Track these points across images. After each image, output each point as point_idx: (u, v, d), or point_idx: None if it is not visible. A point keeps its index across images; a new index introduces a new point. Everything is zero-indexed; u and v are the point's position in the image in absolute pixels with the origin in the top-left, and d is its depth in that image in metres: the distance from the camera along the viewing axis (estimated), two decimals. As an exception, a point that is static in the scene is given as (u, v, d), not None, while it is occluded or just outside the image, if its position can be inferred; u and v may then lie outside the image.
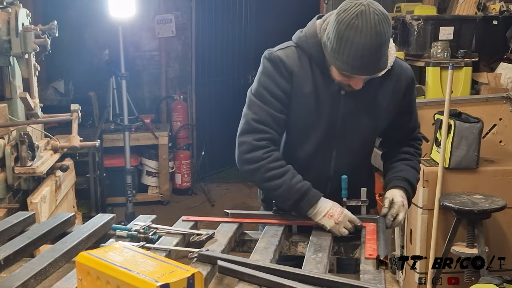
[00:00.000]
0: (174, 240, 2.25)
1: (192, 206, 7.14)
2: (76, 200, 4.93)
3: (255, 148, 2.43)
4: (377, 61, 2.24)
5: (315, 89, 2.44)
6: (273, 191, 2.43)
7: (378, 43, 2.18)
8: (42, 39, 3.75)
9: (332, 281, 1.84)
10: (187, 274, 1.54)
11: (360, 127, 2.51)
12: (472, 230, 4.07)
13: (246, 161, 2.47)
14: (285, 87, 2.44)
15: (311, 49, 2.42)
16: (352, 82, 2.34)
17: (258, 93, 2.48)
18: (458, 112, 4.46)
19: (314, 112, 2.46)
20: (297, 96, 2.45)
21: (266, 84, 2.47)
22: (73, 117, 4.14)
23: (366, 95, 2.45)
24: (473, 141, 4.29)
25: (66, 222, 2.49)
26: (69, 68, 6.98)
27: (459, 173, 4.35)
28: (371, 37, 2.15)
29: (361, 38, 2.15)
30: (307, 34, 2.46)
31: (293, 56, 2.46)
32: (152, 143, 7.11)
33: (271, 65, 2.48)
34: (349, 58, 2.20)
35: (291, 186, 2.37)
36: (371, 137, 2.65)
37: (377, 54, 2.22)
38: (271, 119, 2.44)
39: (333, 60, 2.27)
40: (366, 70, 2.26)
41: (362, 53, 2.18)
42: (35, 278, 1.88)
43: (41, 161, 3.75)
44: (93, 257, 1.66)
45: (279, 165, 2.41)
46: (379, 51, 2.22)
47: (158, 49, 7.75)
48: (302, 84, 2.44)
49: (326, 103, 2.45)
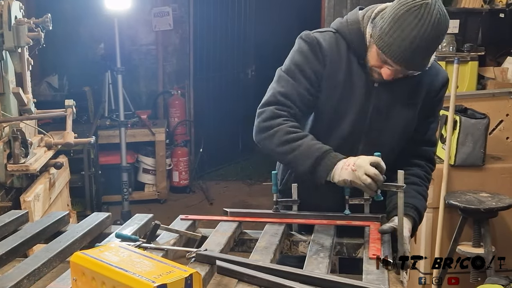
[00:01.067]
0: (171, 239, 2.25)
1: (190, 204, 7.14)
2: (71, 198, 4.93)
3: (274, 116, 2.39)
4: (422, 58, 2.22)
5: (349, 77, 2.42)
6: (290, 153, 2.34)
7: (430, 40, 2.16)
8: (36, 32, 3.75)
9: (334, 281, 1.84)
10: (184, 274, 1.54)
11: (390, 124, 2.47)
12: (478, 229, 4.07)
13: (264, 128, 2.41)
14: (317, 69, 2.42)
15: (351, 35, 2.40)
16: (384, 71, 2.31)
17: (288, 69, 2.46)
18: (464, 107, 4.46)
19: (344, 100, 2.43)
20: (329, 82, 2.42)
21: (299, 61, 2.44)
22: (67, 113, 4.13)
23: (400, 92, 2.43)
24: (479, 138, 4.29)
25: (60, 221, 2.49)
26: (63, 63, 6.97)
27: (465, 171, 4.35)
28: (427, 31, 2.13)
29: (416, 27, 2.13)
30: (348, 20, 2.44)
31: (331, 41, 2.44)
32: (148, 139, 7.11)
33: (307, 46, 2.44)
34: (396, 43, 2.18)
35: (311, 145, 2.32)
36: (399, 139, 2.53)
37: (426, 50, 2.21)
38: (298, 96, 2.41)
39: (378, 40, 2.24)
40: (407, 62, 2.22)
41: (411, 43, 2.15)
42: (28, 278, 1.88)
43: (35, 158, 3.74)
44: (88, 257, 1.66)
45: (298, 130, 2.37)
46: (429, 48, 2.21)
47: (155, 42, 7.74)
48: (336, 70, 2.41)
49: (358, 93, 2.42)
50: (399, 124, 2.48)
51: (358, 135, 2.48)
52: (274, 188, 2.48)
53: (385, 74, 2.32)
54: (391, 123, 2.47)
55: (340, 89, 2.42)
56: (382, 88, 2.42)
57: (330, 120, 2.47)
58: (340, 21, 2.48)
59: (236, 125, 8.60)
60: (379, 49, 2.25)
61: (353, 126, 2.46)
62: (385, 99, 2.44)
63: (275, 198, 2.49)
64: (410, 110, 2.47)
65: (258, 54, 9.05)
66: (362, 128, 2.47)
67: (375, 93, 2.43)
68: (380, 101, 2.44)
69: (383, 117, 2.46)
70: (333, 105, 2.44)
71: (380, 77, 2.35)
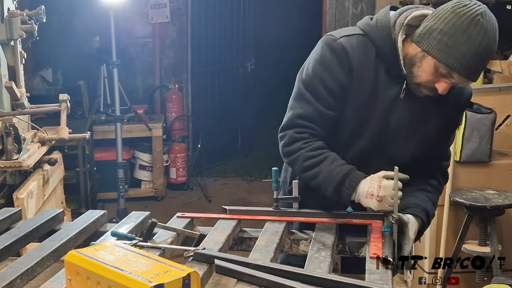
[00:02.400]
0: (168, 238, 2.25)
1: (187, 202, 7.15)
2: (65, 195, 4.93)
3: (294, 140, 2.38)
4: (482, 68, 2.22)
5: (375, 89, 2.35)
6: (312, 180, 2.36)
7: (493, 47, 2.16)
8: (29, 25, 3.74)
9: (336, 281, 1.84)
10: (182, 274, 1.54)
11: (411, 138, 2.44)
12: (485, 227, 4.07)
13: (286, 154, 2.42)
14: (343, 81, 2.33)
15: (382, 41, 2.32)
16: (441, 85, 2.24)
17: (310, 85, 2.38)
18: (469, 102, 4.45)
19: (367, 112, 2.38)
20: (354, 94, 2.35)
21: (322, 75, 2.35)
22: (61, 107, 4.13)
23: (426, 105, 2.38)
24: (486, 133, 4.29)
25: (54, 218, 2.48)
26: (58, 56, 6.95)
27: (471, 167, 4.35)
28: (491, 40, 2.13)
29: (484, 37, 2.11)
30: (379, 23, 2.34)
31: (359, 47, 2.33)
32: (145, 135, 7.11)
33: (332, 55, 2.34)
34: (466, 56, 2.13)
35: (330, 171, 2.32)
36: (419, 154, 2.49)
37: (486, 60, 2.20)
38: (319, 115, 2.36)
39: (441, 54, 2.16)
40: (473, 73, 2.19)
41: (481, 54, 2.13)
42: (22, 278, 1.88)
43: (28, 154, 3.74)
44: (83, 256, 1.66)
45: (318, 153, 2.35)
46: (489, 57, 2.20)
47: (151, 35, 7.74)
48: (363, 80, 2.34)
49: (382, 104, 2.37)
50: (420, 138, 2.45)
51: (377, 148, 2.44)
52: (274, 185, 2.47)
53: (441, 88, 2.24)
54: (412, 137, 2.44)
55: (364, 102, 2.36)
56: (407, 101, 2.36)
57: (350, 132, 2.43)
58: (368, 22, 2.38)
59: (235, 120, 8.59)
60: (443, 63, 2.17)
61: (373, 139, 2.42)
62: (409, 112, 2.39)
63: (275, 195, 2.49)
64: (432, 124, 2.44)
65: (258, 47, 9.05)
66: (382, 142, 2.43)
67: (400, 105, 2.38)
68: (403, 114, 2.39)
69: (404, 131, 2.42)
70: (355, 118, 2.40)
71: (431, 92, 2.29)
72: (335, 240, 2.29)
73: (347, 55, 2.32)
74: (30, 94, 4.05)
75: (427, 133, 2.45)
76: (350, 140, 2.44)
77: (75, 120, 6.05)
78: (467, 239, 4.17)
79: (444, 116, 2.45)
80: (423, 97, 2.34)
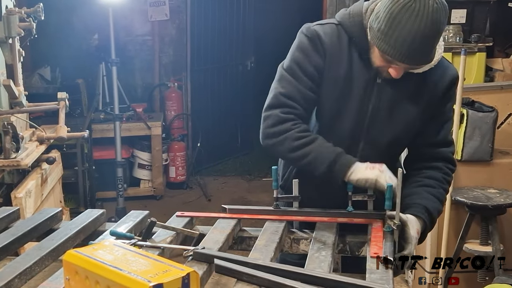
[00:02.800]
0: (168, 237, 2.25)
1: (187, 201, 7.15)
2: (64, 194, 4.93)
3: (282, 121, 2.41)
4: (426, 52, 2.22)
5: (350, 73, 2.42)
6: (303, 159, 2.39)
7: (431, 32, 2.16)
8: (27, 22, 3.74)
9: (337, 281, 1.84)
10: (181, 273, 1.54)
11: (392, 122, 2.47)
12: (486, 226, 4.07)
13: (272, 135, 2.44)
14: (318, 64, 2.43)
15: (353, 28, 2.40)
16: (392, 69, 2.30)
17: (289, 68, 2.47)
18: (471, 100, 4.45)
19: (344, 97, 2.44)
20: (329, 77, 2.43)
21: (299, 59, 2.45)
22: (60, 106, 4.13)
23: (404, 89, 2.43)
24: (487, 132, 4.29)
25: (52, 218, 2.49)
26: (56, 54, 6.95)
27: (472, 166, 4.35)
28: (426, 24, 2.12)
29: (415, 23, 2.12)
30: (351, 12, 2.43)
31: (332, 34, 2.44)
32: (144, 133, 7.10)
33: (307, 40, 2.45)
34: (397, 42, 2.17)
35: (324, 148, 2.37)
36: (402, 138, 2.54)
37: (428, 44, 2.20)
38: (300, 95, 2.43)
39: (379, 42, 2.24)
40: (412, 59, 2.23)
41: (413, 40, 2.15)
42: (20, 277, 1.88)
43: (26, 153, 3.74)
44: (81, 255, 1.66)
45: (307, 134, 2.40)
46: (431, 41, 2.20)
47: (151, 33, 7.72)
48: (337, 65, 2.42)
49: (359, 89, 2.43)
50: (401, 122, 2.48)
51: (358, 133, 2.49)
52: (274, 184, 2.47)
53: (393, 73, 2.31)
54: (393, 121, 2.47)
55: (340, 84, 2.43)
56: (385, 85, 2.42)
57: (330, 117, 2.49)
58: (343, 12, 2.47)
59: (235, 119, 8.60)
60: (382, 51, 2.25)
61: (353, 124, 2.47)
62: (387, 96, 2.44)
63: (275, 194, 2.49)
64: (413, 108, 2.46)
65: (258, 45, 9.04)
66: (362, 126, 2.48)
67: (377, 89, 2.43)
68: (381, 98, 2.44)
69: (384, 115, 2.46)
70: (333, 101, 2.46)
71: (389, 76, 2.35)
72: (336, 239, 2.29)
73: (320, 40, 2.43)
74: (28, 92, 4.06)
75: (409, 117, 2.47)
76: (332, 125, 2.50)
77: (73, 119, 6.05)
78: (468, 238, 4.17)
79: (426, 99, 2.46)
80: (401, 82, 2.38)
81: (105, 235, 2.27)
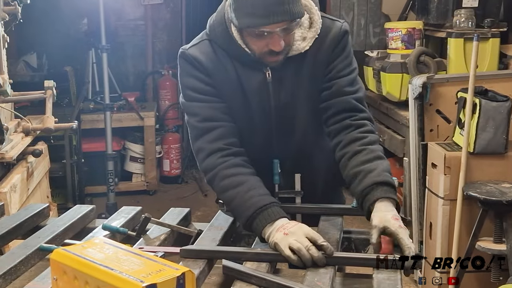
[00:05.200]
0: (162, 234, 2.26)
1: (182, 196, 7.14)
2: (51, 189, 4.93)
3: (210, 153, 2.40)
4: (283, 3, 2.20)
5: (240, 83, 2.44)
6: (229, 204, 2.34)
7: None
8: (12, 6, 3.73)
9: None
10: (176, 273, 1.54)
11: (297, 108, 2.49)
12: (500, 223, 4.06)
13: (204, 170, 2.43)
14: (209, 82, 2.44)
15: (221, 40, 2.43)
16: (271, 42, 2.28)
17: (188, 96, 2.49)
18: (484, 89, 4.44)
19: (244, 105, 2.46)
20: (223, 94, 2.44)
21: (190, 84, 2.48)
22: (47, 95, 4.13)
23: (295, 79, 2.45)
24: (501, 122, 4.27)
25: (39, 214, 2.49)
26: (43, 40, 6.94)
27: (485, 159, 4.34)
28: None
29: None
30: (214, 21, 2.48)
31: (208, 51, 2.46)
32: (136, 124, 7.08)
33: (187, 64, 2.49)
34: (250, 8, 2.20)
35: (245, 200, 2.25)
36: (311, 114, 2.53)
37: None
38: (214, 111, 2.43)
39: (238, 21, 2.27)
40: (274, 15, 2.21)
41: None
42: (4, 277, 1.88)
43: (11, 145, 3.74)
44: (70, 254, 1.65)
45: (235, 172, 2.33)
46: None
47: (143, 17, 7.72)
48: (224, 81, 2.44)
49: (254, 95, 2.45)
50: (305, 103, 2.49)
51: (269, 130, 2.52)
52: (275, 177, 2.47)
53: (273, 46, 2.29)
54: (298, 106, 2.49)
55: (234, 98, 2.45)
56: (276, 81, 2.44)
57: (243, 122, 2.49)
58: (209, 23, 2.51)
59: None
60: (247, 28, 2.28)
61: (262, 124, 2.50)
62: (283, 91, 2.46)
63: (276, 189, 2.48)
64: (311, 84, 2.46)
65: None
66: (271, 123, 2.50)
67: (272, 88, 2.45)
68: (278, 95, 2.46)
69: (286, 110, 2.48)
70: (235, 112, 2.46)
71: (276, 56, 2.34)
72: (341, 236, 2.28)
73: (198, 62, 2.45)
74: (13, 81, 4.05)
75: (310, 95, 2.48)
76: (249, 128, 2.51)
77: (61, 109, 6.03)
78: (481, 235, 4.16)
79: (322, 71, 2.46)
80: (291, 67, 2.41)
81: (95, 232, 2.28)
